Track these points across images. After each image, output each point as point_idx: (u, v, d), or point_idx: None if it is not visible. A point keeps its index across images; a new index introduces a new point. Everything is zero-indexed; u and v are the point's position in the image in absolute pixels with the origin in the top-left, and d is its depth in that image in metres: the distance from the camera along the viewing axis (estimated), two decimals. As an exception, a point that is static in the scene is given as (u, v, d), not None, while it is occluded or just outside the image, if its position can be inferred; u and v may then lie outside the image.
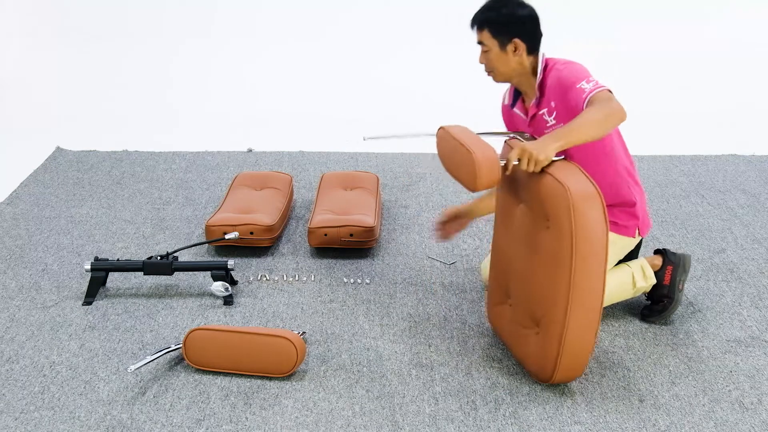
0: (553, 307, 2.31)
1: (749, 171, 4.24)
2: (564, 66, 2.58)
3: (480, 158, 2.29)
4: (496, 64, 2.63)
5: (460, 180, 2.41)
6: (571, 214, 2.21)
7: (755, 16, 5.63)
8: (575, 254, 2.22)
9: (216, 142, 4.60)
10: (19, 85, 5.38)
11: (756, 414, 2.32)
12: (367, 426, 2.27)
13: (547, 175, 2.29)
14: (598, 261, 2.24)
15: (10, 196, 3.86)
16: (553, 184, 2.26)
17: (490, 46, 2.60)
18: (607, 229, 2.25)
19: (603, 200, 2.25)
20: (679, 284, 2.78)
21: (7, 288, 3.01)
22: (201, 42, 5.59)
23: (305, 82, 5.39)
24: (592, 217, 2.22)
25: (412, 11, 5.55)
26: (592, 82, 2.47)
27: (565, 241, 2.24)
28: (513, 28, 2.58)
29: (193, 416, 2.30)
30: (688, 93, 5.24)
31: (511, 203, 2.51)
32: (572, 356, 2.32)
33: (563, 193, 2.23)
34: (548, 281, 2.32)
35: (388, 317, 2.83)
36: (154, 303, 2.91)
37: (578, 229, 2.21)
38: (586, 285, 2.25)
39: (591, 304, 2.27)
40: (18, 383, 2.45)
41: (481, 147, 2.33)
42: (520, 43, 2.59)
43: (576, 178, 2.27)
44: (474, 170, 2.29)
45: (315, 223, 3.27)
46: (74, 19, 5.58)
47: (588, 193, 2.24)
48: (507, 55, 2.61)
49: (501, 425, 2.27)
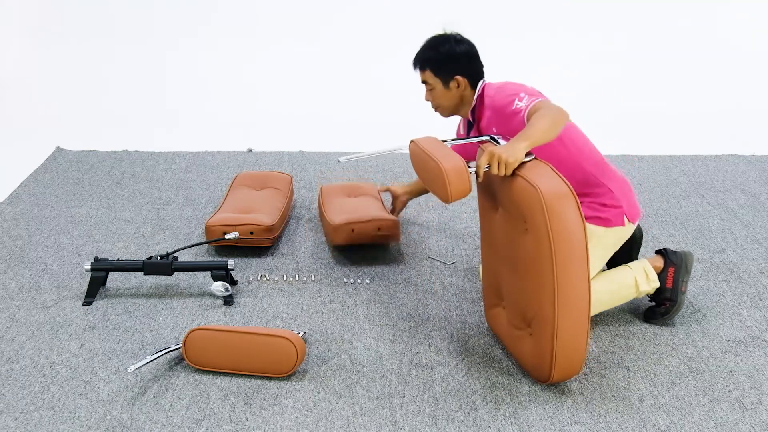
0: (541, 309, 2.31)
1: (749, 171, 4.24)
2: (495, 92, 2.63)
3: (449, 169, 2.29)
4: (441, 101, 2.75)
5: (435, 192, 2.42)
6: (546, 214, 2.21)
7: (755, 16, 5.63)
8: (555, 253, 2.22)
9: (216, 142, 4.60)
10: (19, 85, 5.38)
11: (756, 414, 2.32)
12: (367, 426, 2.27)
13: (518, 178, 2.28)
14: (579, 258, 2.24)
15: (10, 196, 3.86)
16: (525, 186, 2.25)
17: (433, 84, 2.72)
18: (583, 225, 2.24)
19: (576, 197, 2.25)
20: (681, 286, 2.76)
21: (7, 288, 3.01)
22: (201, 42, 5.59)
23: (305, 82, 5.39)
24: (566, 215, 2.22)
25: (412, 11, 5.55)
26: (525, 99, 2.51)
27: (543, 241, 2.23)
28: (453, 66, 2.68)
29: (193, 416, 2.30)
30: (688, 93, 5.24)
31: (491, 208, 2.51)
32: (567, 355, 2.32)
33: (535, 194, 2.22)
34: (533, 283, 2.31)
35: (388, 317, 2.83)
36: (154, 303, 2.91)
37: (554, 228, 2.21)
38: (571, 283, 2.25)
39: (578, 301, 2.27)
40: (18, 383, 2.45)
41: (450, 158, 2.33)
42: (461, 79, 2.69)
43: (547, 177, 2.26)
44: (444, 182, 2.30)
45: None
46: (74, 19, 5.58)
47: (560, 192, 2.23)
48: (451, 91, 2.72)
49: (501, 425, 2.27)
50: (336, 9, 5.61)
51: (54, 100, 5.20)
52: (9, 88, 5.36)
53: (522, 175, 2.28)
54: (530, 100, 2.49)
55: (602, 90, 5.13)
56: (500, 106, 2.58)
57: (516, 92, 2.55)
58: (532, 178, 2.25)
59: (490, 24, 5.45)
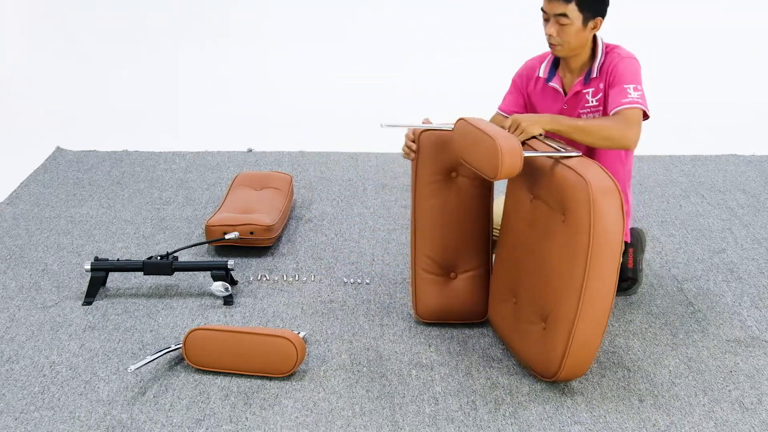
0: (563, 303, 2.30)
1: (749, 171, 4.24)
2: (626, 57, 2.57)
3: (504, 146, 2.28)
4: (571, 38, 2.54)
5: (481, 169, 2.38)
6: (590, 208, 2.21)
7: (755, 16, 5.63)
8: (591, 248, 2.22)
9: (216, 142, 4.60)
10: (19, 85, 5.38)
11: (756, 414, 2.32)
12: (367, 426, 2.27)
13: (566, 168, 2.30)
14: (612, 256, 2.25)
15: (10, 196, 3.86)
16: (574, 177, 2.27)
17: (573, 19, 2.50)
18: (623, 226, 2.26)
19: (622, 196, 2.26)
20: (639, 264, 2.89)
21: (7, 288, 3.01)
22: (201, 42, 5.59)
23: (305, 82, 5.39)
24: (610, 212, 2.23)
25: (412, 11, 5.55)
26: (638, 92, 2.48)
27: (582, 234, 2.24)
28: (599, 5, 2.54)
29: (193, 416, 2.30)
30: (688, 93, 5.23)
31: (524, 199, 2.51)
32: (579, 353, 2.32)
33: (584, 186, 2.23)
34: (561, 276, 2.31)
35: (388, 317, 2.83)
36: (154, 303, 2.91)
37: (596, 222, 2.22)
38: (599, 280, 2.25)
39: (602, 300, 2.28)
40: (18, 383, 2.45)
41: (505, 136, 2.33)
42: (600, 21, 2.55)
43: (596, 172, 2.28)
44: (497, 158, 2.28)
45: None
46: (74, 20, 5.58)
47: (608, 188, 2.25)
48: (585, 31, 2.54)
49: (501, 425, 2.27)
50: (336, 9, 5.61)
51: (54, 100, 5.20)
52: (9, 88, 5.35)
53: (571, 166, 2.30)
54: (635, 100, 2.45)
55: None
56: (621, 75, 2.51)
57: (637, 76, 2.51)
58: (581, 170, 2.27)
59: (489, 24, 5.46)
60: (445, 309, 2.74)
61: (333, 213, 3.70)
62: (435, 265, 2.73)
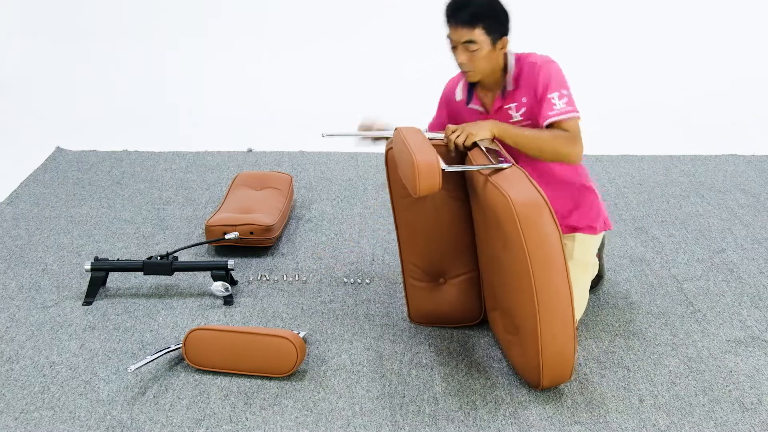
0: (525, 319, 2.28)
1: (749, 171, 4.24)
2: (542, 64, 2.45)
3: (420, 162, 2.21)
4: (483, 63, 2.43)
5: (406, 183, 2.32)
6: (518, 224, 2.16)
7: (755, 16, 5.63)
8: (531, 263, 2.17)
9: (216, 142, 4.60)
10: (19, 85, 5.38)
11: (756, 414, 2.32)
12: (367, 426, 2.27)
13: (492, 187, 2.23)
14: (556, 266, 2.19)
15: (10, 196, 3.86)
16: (497, 196, 2.20)
17: (481, 44, 2.39)
18: (559, 234, 2.19)
19: (549, 206, 2.18)
20: (601, 259, 2.91)
21: (7, 288, 3.01)
22: (201, 42, 5.59)
23: (305, 82, 5.39)
24: (539, 223, 2.16)
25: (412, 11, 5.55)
26: (564, 98, 2.40)
27: (518, 251, 2.18)
28: (505, 23, 2.43)
29: (193, 416, 2.30)
30: (688, 93, 5.24)
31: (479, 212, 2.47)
32: (554, 363, 2.29)
33: (506, 203, 2.17)
34: (516, 291, 2.28)
35: (388, 317, 2.83)
36: (154, 303, 2.91)
37: (528, 238, 2.15)
38: (550, 291, 2.20)
39: (561, 309, 2.23)
40: (18, 383, 2.45)
41: (425, 151, 2.24)
42: (506, 40, 2.45)
43: (520, 186, 2.19)
44: (414, 174, 2.21)
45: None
46: (74, 19, 5.58)
47: (531, 201, 2.17)
48: (495, 51, 2.44)
49: (501, 425, 2.27)
50: (336, 9, 5.61)
51: (54, 100, 5.20)
52: (9, 88, 5.36)
53: (496, 183, 2.22)
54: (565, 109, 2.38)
55: (602, 90, 5.12)
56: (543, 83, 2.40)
57: (561, 81, 2.41)
58: (505, 186, 2.19)
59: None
60: (437, 313, 2.73)
61: (333, 213, 3.70)
62: (422, 273, 2.70)
